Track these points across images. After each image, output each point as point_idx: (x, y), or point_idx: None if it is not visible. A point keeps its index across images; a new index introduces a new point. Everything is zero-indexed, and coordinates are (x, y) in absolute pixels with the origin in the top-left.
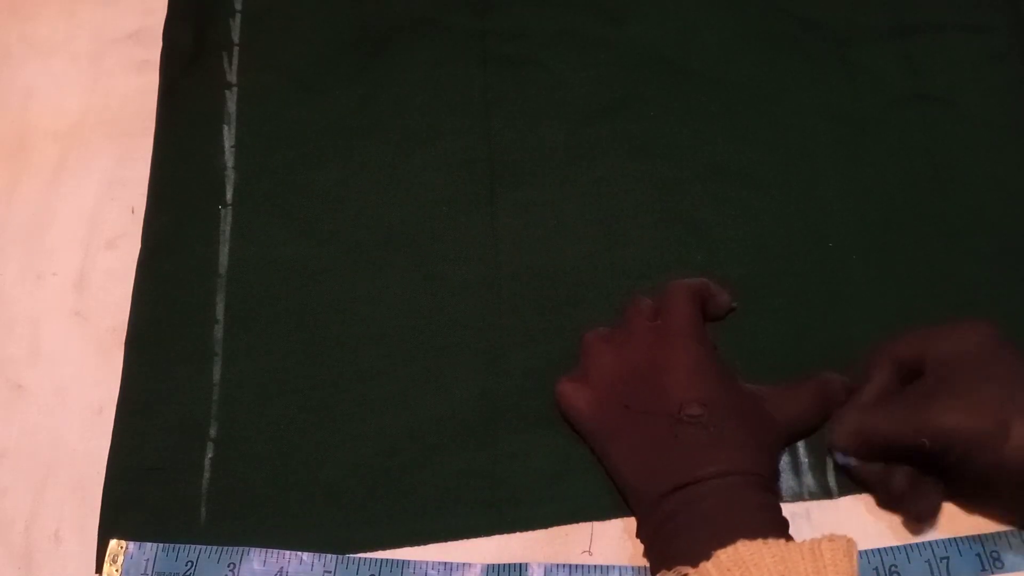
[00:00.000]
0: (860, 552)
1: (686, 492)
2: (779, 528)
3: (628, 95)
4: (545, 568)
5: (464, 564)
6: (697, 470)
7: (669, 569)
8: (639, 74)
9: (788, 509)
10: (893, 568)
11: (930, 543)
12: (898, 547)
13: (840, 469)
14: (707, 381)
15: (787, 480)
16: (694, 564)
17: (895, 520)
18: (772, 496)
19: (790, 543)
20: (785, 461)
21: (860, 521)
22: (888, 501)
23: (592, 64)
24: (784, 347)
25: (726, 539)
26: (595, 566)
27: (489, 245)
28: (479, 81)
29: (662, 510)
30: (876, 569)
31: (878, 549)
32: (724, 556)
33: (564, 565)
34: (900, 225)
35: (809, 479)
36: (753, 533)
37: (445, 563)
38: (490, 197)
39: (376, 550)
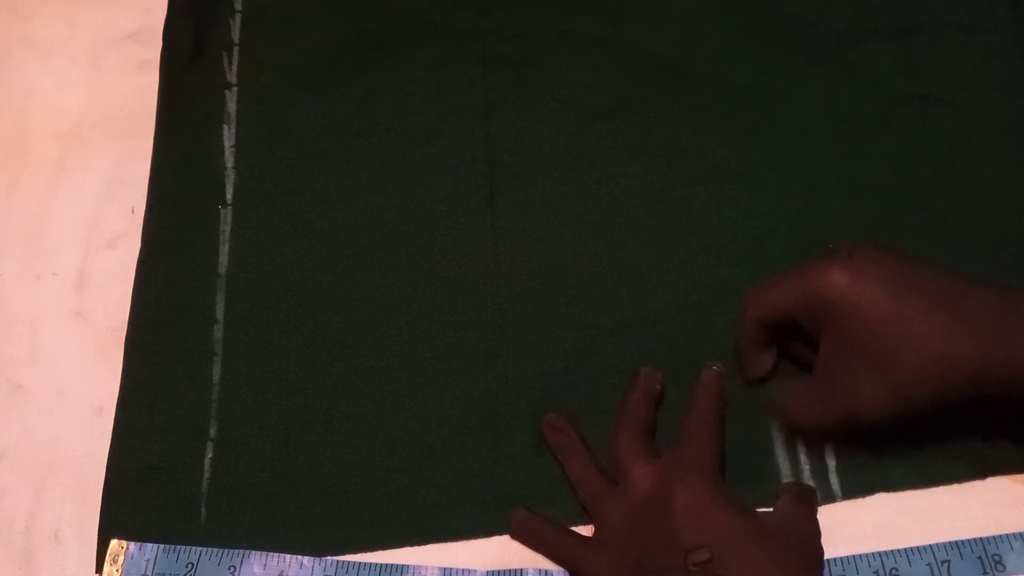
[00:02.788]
0: (861, 555)
1: None
2: None
3: (628, 95)
4: (544, 573)
5: (465, 569)
6: None
7: None
8: (639, 74)
9: None
10: (894, 571)
11: (931, 546)
12: (899, 550)
13: (842, 472)
14: (712, 519)
15: None
16: None
17: (897, 523)
18: None
19: None
20: (787, 467)
21: (861, 524)
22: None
23: (592, 64)
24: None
25: None
26: None
27: (489, 245)
28: (479, 81)
29: None
30: (877, 572)
31: (879, 552)
32: None
33: (564, 570)
34: (900, 225)
35: (810, 484)
36: None
37: (445, 568)
38: (490, 197)
39: (375, 550)
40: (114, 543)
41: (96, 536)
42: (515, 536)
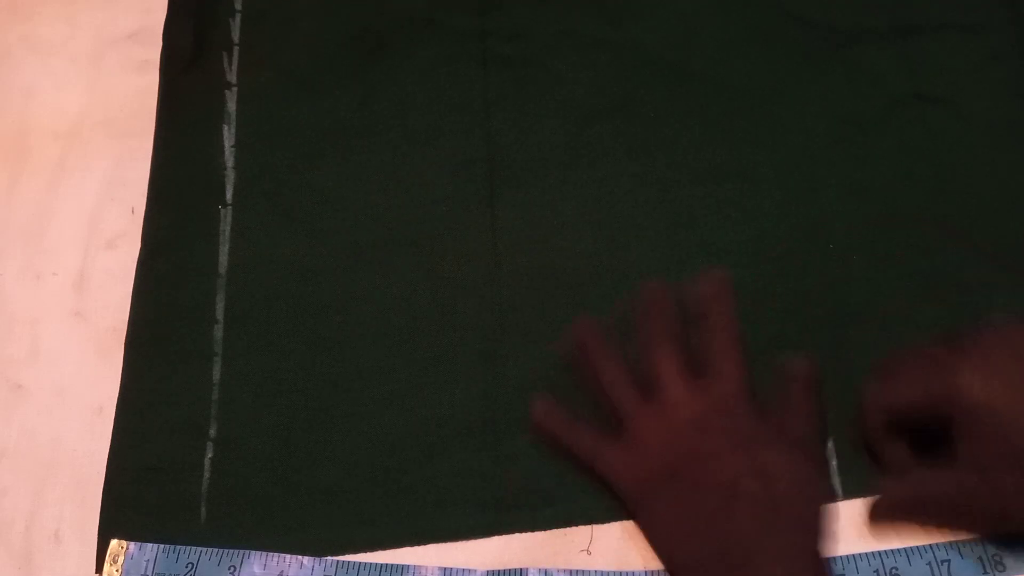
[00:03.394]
0: (861, 555)
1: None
2: None
3: (628, 95)
4: (545, 573)
5: (465, 569)
6: (753, 554)
7: None
8: (639, 74)
9: None
10: (894, 570)
11: (931, 546)
12: (899, 550)
13: (842, 472)
14: (763, 450)
15: None
16: None
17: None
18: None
19: None
20: None
21: (861, 524)
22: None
23: (592, 64)
24: (786, 349)
25: None
26: (595, 571)
27: (489, 245)
28: (479, 81)
29: None
30: (877, 571)
31: (879, 551)
32: None
33: (564, 570)
34: (901, 225)
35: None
36: None
37: (445, 568)
38: (490, 197)
39: (375, 550)
40: (114, 543)
41: (96, 536)
42: (538, 426)
